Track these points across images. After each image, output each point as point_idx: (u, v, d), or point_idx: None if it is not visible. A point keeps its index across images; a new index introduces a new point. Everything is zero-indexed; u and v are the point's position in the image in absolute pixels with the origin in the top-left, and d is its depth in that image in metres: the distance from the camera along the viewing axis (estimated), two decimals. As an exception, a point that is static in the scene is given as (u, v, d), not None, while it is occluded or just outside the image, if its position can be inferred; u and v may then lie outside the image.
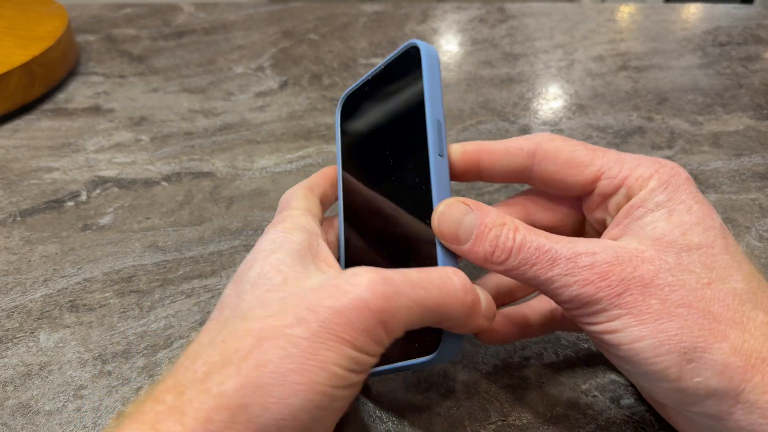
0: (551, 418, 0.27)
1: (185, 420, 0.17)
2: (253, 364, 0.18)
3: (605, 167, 0.24)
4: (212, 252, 0.37)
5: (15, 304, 0.33)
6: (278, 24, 0.69)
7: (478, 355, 0.30)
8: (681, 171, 0.24)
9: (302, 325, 0.18)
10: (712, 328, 0.20)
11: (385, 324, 0.19)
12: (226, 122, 0.50)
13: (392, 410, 0.28)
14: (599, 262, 0.21)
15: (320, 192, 0.28)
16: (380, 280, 0.19)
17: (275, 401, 0.17)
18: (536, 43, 0.64)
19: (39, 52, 0.51)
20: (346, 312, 0.18)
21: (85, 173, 0.44)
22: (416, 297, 0.20)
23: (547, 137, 0.25)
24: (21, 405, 0.28)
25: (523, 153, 0.25)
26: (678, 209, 0.22)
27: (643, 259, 0.21)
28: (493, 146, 0.26)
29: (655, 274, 0.21)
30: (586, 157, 0.25)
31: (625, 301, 0.21)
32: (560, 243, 0.22)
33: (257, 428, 0.17)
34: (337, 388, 0.18)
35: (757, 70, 0.58)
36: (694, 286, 0.21)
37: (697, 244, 0.21)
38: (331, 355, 0.18)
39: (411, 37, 0.66)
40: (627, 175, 0.24)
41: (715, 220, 0.23)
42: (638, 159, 0.24)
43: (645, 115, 0.51)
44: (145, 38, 0.65)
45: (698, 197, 0.23)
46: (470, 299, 0.21)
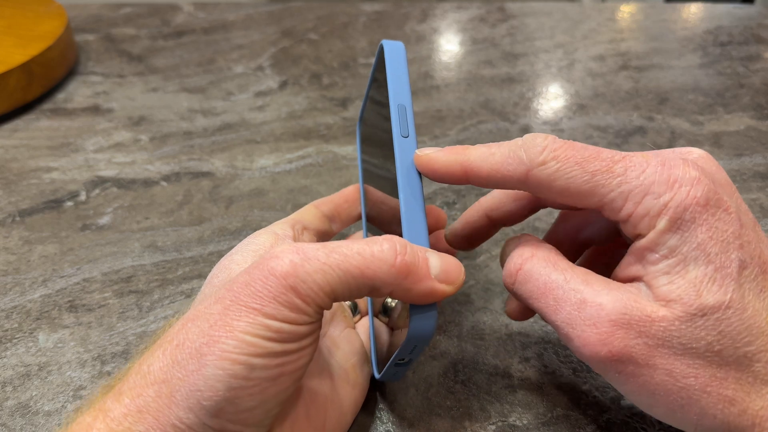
0: (551, 418, 0.27)
1: (123, 399, 0.19)
2: (175, 344, 0.20)
3: (607, 199, 0.21)
4: (212, 252, 0.37)
5: (14, 305, 0.33)
6: (278, 24, 0.69)
7: (479, 356, 0.30)
8: (699, 190, 0.20)
9: (218, 302, 0.20)
10: (723, 393, 0.20)
11: (295, 289, 0.19)
12: (226, 122, 0.50)
13: (392, 411, 0.27)
14: (603, 320, 0.20)
15: (328, 207, 0.30)
16: (292, 249, 0.20)
17: (190, 373, 0.19)
18: (537, 42, 0.64)
19: (38, 52, 0.51)
20: (254, 282, 0.19)
21: (85, 173, 0.44)
22: (331, 261, 0.20)
23: (538, 160, 0.21)
24: (20, 405, 0.28)
25: (513, 181, 0.22)
26: (693, 257, 0.20)
27: (653, 320, 0.20)
28: (479, 168, 0.23)
29: (663, 342, 0.20)
30: (584, 186, 0.21)
31: (629, 370, 0.20)
32: (571, 282, 0.21)
33: (179, 400, 0.19)
34: (253, 356, 0.19)
35: (758, 69, 0.58)
36: (703, 353, 0.20)
37: (712, 306, 0.19)
38: (239, 324, 0.19)
39: (411, 36, 0.66)
40: (631, 212, 0.21)
41: (734, 258, 0.20)
42: (646, 182, 0.20)
43: (646, 115, 0.50)
44: (144, 38, 0.65)
45: (716, 227, 0.20)
46: (400, 261, 0.20)
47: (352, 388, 0.25)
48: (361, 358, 0.27)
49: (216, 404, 0.18)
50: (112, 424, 0.19)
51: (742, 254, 0.20)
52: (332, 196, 0.31)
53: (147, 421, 0.19)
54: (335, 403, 0.24)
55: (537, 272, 0.22)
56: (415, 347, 0.22)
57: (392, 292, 0.21)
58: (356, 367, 0.26)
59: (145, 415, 0.19)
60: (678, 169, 0.20)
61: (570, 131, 0.48)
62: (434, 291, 0.21)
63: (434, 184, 0.42)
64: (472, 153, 0.23)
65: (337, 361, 0.26)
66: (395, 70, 0.26)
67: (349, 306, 0.29)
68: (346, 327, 0.28)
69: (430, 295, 0.21)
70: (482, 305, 0.33)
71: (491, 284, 0.34)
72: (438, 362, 0.30)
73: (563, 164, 0.21)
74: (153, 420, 0.19)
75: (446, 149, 0.23)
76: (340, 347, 0.27)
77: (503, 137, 0.47)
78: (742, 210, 0.21)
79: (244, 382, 0.19)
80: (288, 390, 0.20)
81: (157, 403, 0.19)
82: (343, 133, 0.48)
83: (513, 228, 0.38)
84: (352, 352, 0.27)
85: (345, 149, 0.46)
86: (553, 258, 0.23)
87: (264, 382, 0.19)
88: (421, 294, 0.21)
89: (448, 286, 0.21)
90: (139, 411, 0.19)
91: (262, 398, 0.19)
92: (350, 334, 0.28)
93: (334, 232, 0.30)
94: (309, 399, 0.23)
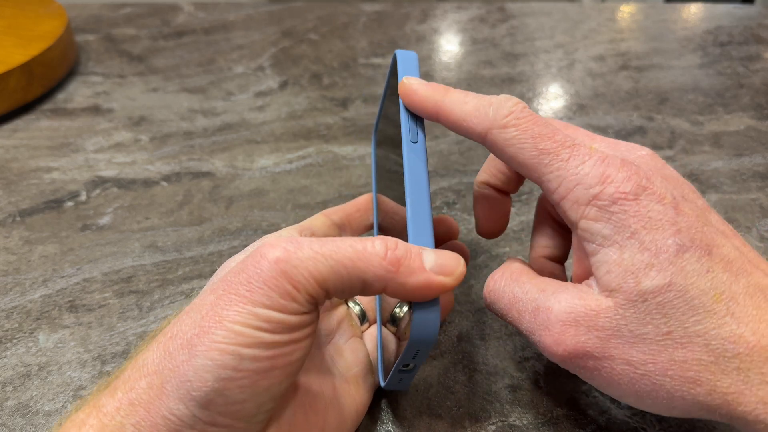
0: (552, 418, 0.27)
1: (116, 393, 0.19)
2: (169, 336, 0.20)
3: (544, 178, 0.22)
4: (212, 252, 0.37)
5: (14, 305, 0.33)
6: (278, 24, 0.69)
7: (478, 356, 0.30)
8: (628, 186, 0.21)
9: (212, 293, 0.20)
10: (685, 375, 0.20)
11: (287, 274, 0.19)
12: (226, 122, 0.50)
13: (392, 411, 0.27)
14: (552, 322, 0.21)
15: (339, 216, 0.30)
16: (287, 239, 0.20)
17: (180, 364, 0.19)
18: (537, 42, 0.64)
19: (38, 52, 0.51)
20: (246, 268, 0.20)
21: (85, 173, 0.44)
22: (324, 251, 0.20)
23: (501, 122, 0.22)
24: (20, 405, 0.28)
25: (474, 134, 0.23)
26: (628, 245, 0.20)
27: (598, 313, 0.21)
28: (450, 112, 0.24)
29: (613, 332, 0.20)
30: (529, 159, 0.22)
31: (590, 364, 0.21)
32: (529, 293, 0.23)
33: (169, 390, 0.19)
34: (243, 346, 0.19)
35: (758, 69, 0.58)
36: (654, 338, 0.20)
37: (652, 291, 0.20)
38: (228, 314, 0.19)
39: (411, 36, 0.66)
40: (563, 196, 0.22)
41: (671, 243, 0.20)
42: (581, 173, 0.21)
43: (646, 115, 0.50)
44: (144, 38, 0.65)
45: (649, 216, 0.20)
46: (391, 255, 0.20)
47: (354, 397, 0.25)
48: (364, 368, 0.27)
49: (205, 395, 0.18)
50: (105, 419, 0.19)
51: (680, 238, 0.20)
52: (344, 205, 0.31)
53: (139, 414, 0.19)
54: (336, 410, 0.24)
55: (501, 290, 0.24)
56: (418, 351, 0.22)
57: (387, 287, 0.21)
58: (359, 376, 0.26)
59: (137, 407, 0.19)
60: (613, 168, 0.21)
61: (570, 131, 0.48)
62: (431, 283, 0.21)
63: (435, 185, 0.42)
64: (448, 96, 0.24)
65: (340, 369, 0.26)
66: (406, 75, 0.26)
67: (357, 315, 0.29)
68: (352, 336, 0.28)
69: (427, 288, 0.21)
70: (482, 305, 0.33)
71: (491, 284, 0.34)
72: (438, 362, 0.30)
73: (520, 134, 0.22)
74: (144, 412, 0.19)
75: (430, 85, 0.24)
76: (344, 356, 0.26)
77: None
78: (688, 199, 0.22)
79: (233, 373, 0.18)
80: (281, 385, 0.20)
81: (148, 394, 0.19)
82: (343, 133, 0.49)
83: (514, 228, 0.38)
84: (356, 362, 0.26)
85: (345, 149, 0.46)
86: (516, 273, 0.24)
87: (254, 374, 0.19)
88: (417, 287, 0.21)
89: (446, 278, 0.21)
90: (131, 404, 0.19)
91: (253, 391, 0.19)
92: (355, 343, 0.27)
93: None
94: (308, 404, 0.23)
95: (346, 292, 0.21)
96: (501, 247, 0.37)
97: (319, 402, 0.24)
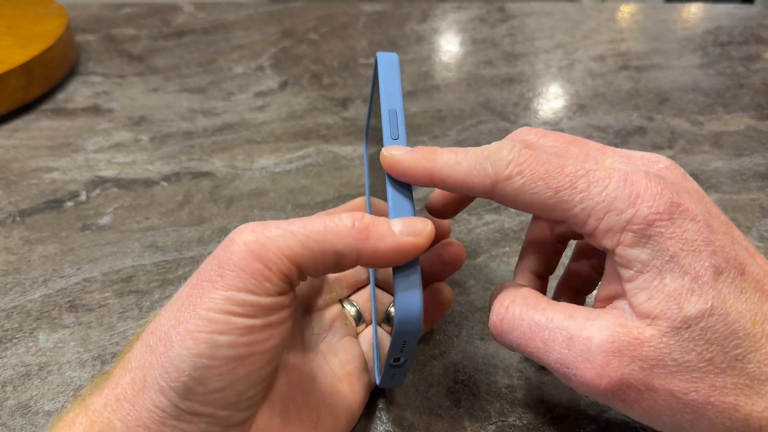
0: (551, 418, 0.27)
1: (104, 391, 0.20)
2: (150, 331, 0.20)
3: (570, 214, 0.21)
4: (212, 252, 0.37)
5: (14, 305, 0.33)
6: (278, 24, 0.69)
7: (478, 356, 0.30)
8: (662, 205, 0.20)
9: (188, 284, 0.20)
10: (726, 401, 0.19)
11: (257, 254, 0.19)
12: (226, 122, 0.50)
13: (392, 411, 0.27)
14: (594, 353, 0.20)
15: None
16: (256, 223, 0.20)
17: (158, 356, 0.19)
18: (537, 42, 0.64)
19: (38, 52, 0.51)
20: (217, 254, 0.20)
21: (85, 173, 0.44)
22: (293, 228, 0.20)
23: (504, 174, 0.21)
24: (20, 405, 0.28)
25: (479, 192, 0.22)
26: (668, 270, 0.20)
27: (642, 342, 0.19)
28: (446, 176, 0.22)
29: (657, 362, 0.19)
30: (548, 201, 0.21)
31: (631, 397, 0.20)
32: (554, 321, 0.21)
33: (150, 383, 0.19)
34: (217, 333, 0.19)
35: (758, 69, 0.58)
36: (696, 365, 0.19)
37: (695, 316, 0.19)
38: (201, 301, 0.19)
39: (411, 36, 0.66)
40: (595, 227, 0.20)
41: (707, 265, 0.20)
42: (608, 198, 0.20)
43: (646, 115, 0.50)
44: (144, 38, 0.65)
45: (685, 237, 0.20)
46: (360, 224, 0.21)
47: (348, 395, 0.25)
48: (358, 367, 0.27)
49: (183, 385, 0.18)
50: (93, 416, 0.19)
51: (716, 260, 0.20)
52: (337, 208, 0.31)
53: (125, 408, 0.19)
54: (329, 408, 0.24)
55: (519, 318, 0.22)
56: (405, 343, 0.22)
57: (360, 257, 0.21)
58: (353, 374, 0.26)
59: (123, 402, 0.19)
60: (640, 185, 0.20)
61: (570, 131, 0.48)
62: (401, 245, 0.21)
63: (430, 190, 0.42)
64: (438, 159, 0.22)
65: (333, 367, 0.26)
66: (387, 78, 0.26)
67: (353, 316, 0.29)
68: (346, 335, 0.28)
69: (399, 250, 0.21)
70: (482, 305, 0.33)
71: (491, 284, 0.34)
72: (438, 362, 0.30)
73: (528, 179, 0.21)
74: (130, 406, 0.19)
75: (415, 151, 0.23)
76: (337, 354, 0.26)
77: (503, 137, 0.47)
78: (713, 215, 0.21)
79: (209, 362, 0.19)
80: (259, 372, 0.20)
81: (132, 389, 0.19)
82: (343, 133, 0.49)
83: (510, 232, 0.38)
84: (349, 360, 0.26)
85: (345, 149, 0.46)
86: (532, 299, 0.22)
87: (231, 361, 0.19)
88: (389, 251, 0.21)
89: (416, 237, 0.21)
90: (116, 399, 0.19)
91: (232, 378, 0.19)
92: (349, 342, 0.27)
93: None
94: (301, 400, 0.23)
95: (320, 268, 0.21)
96: (501, 246, 0.37)
97: (312, 398, 0.24)
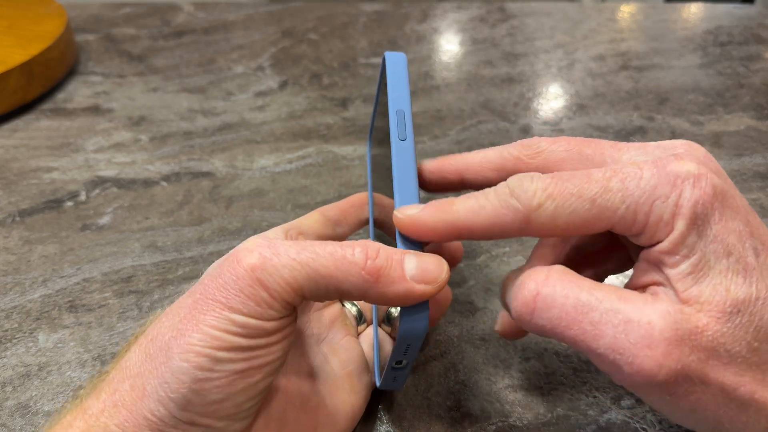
0: (552, 418, 0.27)
1: (101, 395, 0.20)
2: (149, 338, 0.20)
3: (616, 218, 0.19)
4: (212, 252, 0.37)
5: (14, 305, 0.33)
6: (278, 24, 0.69)
7: (479, 356, 0.30)
8: (705, 182, 0.19)
9: (190, 296, 0.20)
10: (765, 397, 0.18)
11: (261, 282, 0.19)
12: (226, 122, 0.50)
13: (392, 411, 0.27)
14: (657, 340, 0.18)
15: (334, 212, 0.30)
16: (263, 243, 0.20)
17: (158, 366, 0.19)
18: (537, 42, 0.64)
19: (38, 52, 0.51)
20: (222, 274, 0.20)
21: (84, 173, 0.44)
22: (301, 258, 0.19)
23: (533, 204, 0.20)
24: (20, 405, 0.28)
25: (513, 230, 0.21)
26: (713, 251, 0.18)
27: (702, 330, 0.18)
28: (472, 225, 0.21)
29: (712, 352, 0.18)
30: (588, 214, 0.19)
31: (682, 390, 0.18)
32: (605, 302, 0.19)
33: (149, 392, 0.19)
34: (217, 349, 0.19)
35: (758, 69, 0.58)
36: (745, 356, 0.18)
37: (743, 301, 0.18)
38: (205, 318, 0.19)
39: (411, 36, 0.66)
40: (644, 222, 0.19)
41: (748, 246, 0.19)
42: (649, 188, 0.19)
43: (646, 115, 0.50)
44: (144, 38, 0.65)
45: (728, 216, 0.19)
46: (371, 265, 0.19)
47: (348, 396, 0.25)
48: (359, 367, 0.26)
49: (183, 396, 0.19)
50: (90, 420, 0.19)
51: (754, 241, 0.19)
52: (338, 202, 0.31)
53: (122, 415, 0.19)
54: (328, 410, 0.24)
55: (561, 295, 0.19)
56: (408, 347, 0.22)
57: (365, 296, 0.20)
58: (353, 375, 0.26)
59: (120, 409, 0.19)
60: (674, 165, 0.19)
61: (570, 131, 0.48)
62: (411, 292, 0.20)
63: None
64: (460, 210, 0.21)
65: (333, 368, 0.25)
66: (395, 78, 0.26)
67: (354, 316, 0.29)
68: (346, 335, 0.27)
69: (408, 298, 0.20)
70: (482, 305, 0.33)
71: (491, 284, 0.34)
72: (438, 362, 0.30)
73: (560, 201, 0.19)
74: (127, 413, 0.19)
75: (430, 206, 0.21)
76: (337, 354, 0.26)
77: (503, 137, 0.47)
78: (738, 195, 0.21)
79: (209, 374, 0.19)
80: (258, 385, 0.20)
81: (131, 396, 0.19)
82: (343, 133, 0.48)
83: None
84: (350, 360, 0.26)
85: (345, 149, 0.46)
86: (573, 276, 0.20)
87: (231, 374, 0.19)
88: (397, 297, 0.20)
89: (427, 286, 0.20)
90: (114, 405, 0.19)
91: (230, 391, 0.19)
92: (350, 342, 0.27)
93: (340, 235, 0.30)
94: (299, 403, 0.23)
95: (322, 298, 0.21)
96: (501, 246, 0.37)
97: (311, 400, 0.24)
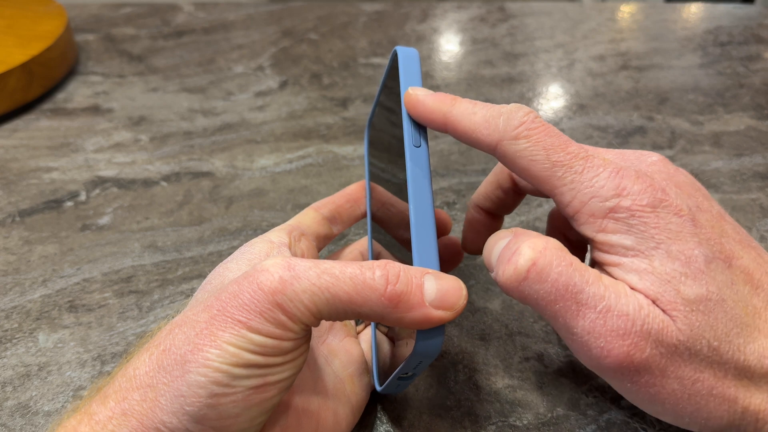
0: (552, 418, 0.27)
1: (108, 402, 0.20)
2: (162, 349, 0.20)
3: (557, 191, 0.21)
4: (212, 252, 0.37)
5: (14, 305, 0.33)
6: (278, 23, 0.69)
7: (478, 356, 0.30)
8: (645, 198, 0.20)
9: (206, 311, 0.20)
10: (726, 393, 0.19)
11: (281, 306, 0.19)
12: (226, 122, 0.50)
13: (392, 411, 0.27)
14: (630, 331, 0.19)
15: (329, 209, 0.30)
16: (283, 264, 0.20)
17: (174, 379, 0.19)
18: (537, 42, 0.64)
19: (38, 52, 0.51)
20: (242, 294, 0.19)
21: (84, 173, 0.44)
22: (321, 283, 0.19)
23: (512, 133, 0.22)
24: (20, 406, 0.28)
25: (484, 145, 0.23)
26: (656, 255, 0.20)
27: (667, 326, 0.19)
28: (459, 123, 0.23)
29: (674, 349, 0.19)
30: (542, 172, 0.21)
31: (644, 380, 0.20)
32: (593, 286, 0.20)
33: (163, 404, 0.19)
34: (234, 366, 0.19)
35: (758, 69, 0.58)
36: (705, 354, 0.19)
37: (694, 300, 0.19)
38: (223, 335, 0.19)
39: (411, 36, 0.66)
40: (577, 209, 0.21)
41: (697, 253, 0.20)
42: (596, 186, 0.21)
43: (646, 115, 0.50)
44: (144, 38, 0.65)
45: (669, 228, 0.20)
46: (390, 291, 0.20)
47: (349, 397, 0.25)
48: (359, 368, 0.26)
49: (199, 410, 0.19)
50: (97, 427, 0.19)
51: (703, 250, 0.20)
52: (334, 196, 0.31)
53: (131, 424, 0.19)
54: (330, 412, 0.24)
55: (557, 269, 0.20)
56: (420, 362, 0.22)
57: (383, 319, 0.20)
58: (354, 376, 0.26)
59: (130, 418, 0.19)
60: (628, 180, 0.20)
61: (570, 131, 0.48)
62: (429, 318, 0.20)
63: (435, 185, 0.42)
64: (456, 107, 0.24)
65: (334, 370, 0.25)
66: (408, 74, 0.25)
67: None
68: (346, 336, 0.27)
69: (425, 323, 0.20)
70: (482, 305, 0.33)
71: (491, 284, 0.34)
72: (438, 362, 0.30)
73: (532, 145, 0.21)
74: (137, 423, 0.19)
75: (436, 95, 0.24)
76: (338, 356, 0.26)
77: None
78: (702, 209, 0.22)
79: (226, 389, 0.19)
80: (273, 399, 0.20)
81: (141, 406, 0.19)
82: (343, 133, 0.48)
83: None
84: (350, 362, 0.26)
85: (345, 149, 0.46)
86: (567, 253, 0.21)
87: (247, 390, 0.19)
88: (413, 322, 0.20)
89: (446, 312, 0.20)
90: (123, 414, 0.19)
91: (246, 405, 0.19)
92: (350, 343, 0.27)
93: (335, 234, 0.30)
94: (301, 407, 0.23)
95: (340, 319, 0.21)
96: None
97: (313, 405, 0.24)
